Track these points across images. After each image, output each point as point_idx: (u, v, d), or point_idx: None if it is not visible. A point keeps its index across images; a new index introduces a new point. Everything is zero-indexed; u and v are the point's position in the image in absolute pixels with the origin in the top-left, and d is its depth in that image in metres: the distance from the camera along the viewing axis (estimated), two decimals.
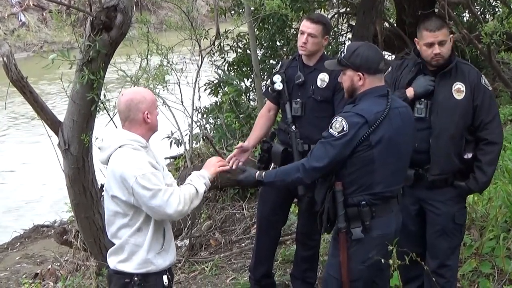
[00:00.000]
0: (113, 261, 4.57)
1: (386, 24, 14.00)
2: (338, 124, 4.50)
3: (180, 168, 9.27)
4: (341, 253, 4.66)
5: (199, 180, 4.60)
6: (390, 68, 5.39)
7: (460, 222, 5.26)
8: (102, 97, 6.90)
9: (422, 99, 5.16)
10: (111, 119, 7.24)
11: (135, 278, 4.49)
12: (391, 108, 4.54)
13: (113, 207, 4.48)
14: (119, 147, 4.44)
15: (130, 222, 4.46)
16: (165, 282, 4.59)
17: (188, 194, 4.45)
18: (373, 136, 4.49)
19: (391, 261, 4.62)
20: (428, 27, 5.16)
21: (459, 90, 5.12)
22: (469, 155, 5.11)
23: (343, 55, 4.68)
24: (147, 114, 4.47)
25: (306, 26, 5.81)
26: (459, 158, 5.13)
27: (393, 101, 4.61)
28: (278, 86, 5.91)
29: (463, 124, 5.11)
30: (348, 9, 14.14)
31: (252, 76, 11.21)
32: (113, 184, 4.43)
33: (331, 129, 4.53)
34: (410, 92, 5.11)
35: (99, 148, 4.60)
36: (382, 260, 4.61)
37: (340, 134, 4.48)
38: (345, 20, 14.53)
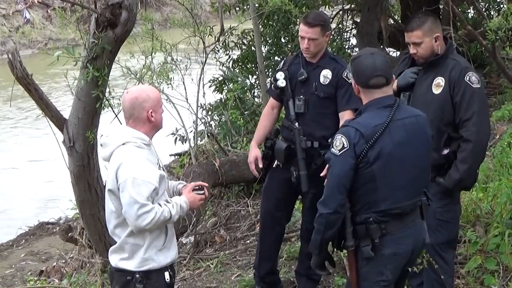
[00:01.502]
0: (115, 259, 4.60)
1: (391, 21, 14.01)
2: (338, 142, 4.32)
3: (185, 165, 9.26)
4: (350, 271, 4.53)
5: (179, 210, 4.53)
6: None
7: (444, 218, 5.17)
8: (107, 94, 6.91)
9: (407, 92, 5.20)
10: (116, 116, 7.25)
11: (137, 276, 4.50)
12: (392, 120, 4.33)
13: (110, 205, 4.51)
14: (123, 144, 4.45)
15: (124, 222, 4.46)
16: (167, 279, 4.59)
17: (162, 218, 4.40)
18: (371, 152, 4.27)
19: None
20: (406, 26, 5.19)
21: (438, 84, 5.11)
22: (445, 151, 5.08)
23: None
24: (151, 112, 4.47)
25: (305, 31, 5.81)
26: (438, 153, 5.10)
27: (399, 112, 4.40)
28: (281, 83, 5.92)
29: (440, 119, 5.07)
30: (352, 6, 14.14)
31: (257, 73, 11.23)
32: (110, 178, 4.45)
33: (332, 148, 4.35)
34: (394, 84, 5.10)
35: (101, 145, 4.60)
36: (410, 269, 4.61)
37: (341, 152, 4.29)
38: (349, 17, 14.53)
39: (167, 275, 4.58)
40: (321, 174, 5.76)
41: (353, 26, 14.33)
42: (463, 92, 5.03)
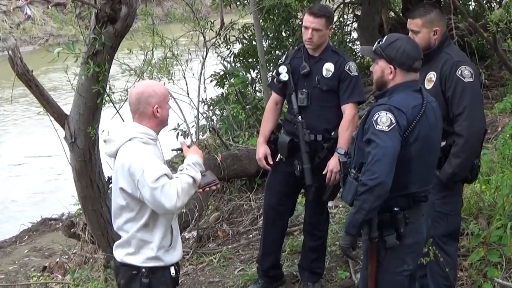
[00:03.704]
0: (120, 254, 4.56)
1: (392, 14, 13.99)
2: (385, 118, 4.20)
3: None
4: (370, 263, 4.50)
5: (195, 168, 4.49)
6: None
7: (442, 210, 5.17)
8: (107, 89, 6.91)
9: None
10: (117, 111, 7.25)
11: (143, 270, 4.48)
12: (427, 103, 4.34)
13: (120, 200, 4.46)
14: (129, 140, 4.41)
15: (136, 216, 4.44)
16: (173, 273, 4.58)
17: (186, 185, 4.36)
18: (411, 133, 4.25)
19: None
20: (411, 13, 5.19)
21: (430, 79, 5.10)
22: (442, 143, 5.05)
23: (380, 43, 4.45)
24: (156, 108, 4.44)
25: (310, 21, 5.81)
26: None
27: (427, 96, 4.41)
28: (284, 77, 5.91)
29: None
30: None
31: (258, 67, 11.22)
32: (121, 176, 4.40)
33: (378, 126, 4.19)
34: None
35: (105, 141, 4.57)
36: (423, 259, 4.60)
37: (390, 128, 4.18)
38: (350, 10, 14.54)
39: (172, 269, 4.58)
40: (324, 172, 5.78)
41: (354, 20, 14.34)
42: (455, 86, 5.02)
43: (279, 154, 6.05)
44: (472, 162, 5.18)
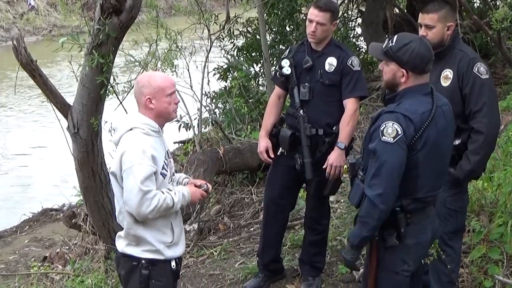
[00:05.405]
0: (121, 244, 4.59)
1: (396, 10, 13.97)
2: (391, 129, 4.14)
3: (189, 152, 9.27)
4: (370, 261, 4.49)
5: (181, 198, 4.52)
6: None
7: (453, 207, 5.17)
8: (111, 81, 6.91)
9: None
10: (121, 103, 7.25)
11: (143, 261, 4.51)
12: (436, 107, 4.27)
13: (113, 189, 4.54)
14: (130, 129, 4.44)
15: (122, 209, 4.49)
16: (173, 266, 4.62)
17: (165, 205, 4.39)
18: (419, 139, 4.19)
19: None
20: (424, 8, 5.18)
21: (446, 77, 5.08)
22: (456, 142, 5.05)
23: (390, 45, 4.31)
24: (148, 99, 4.45)
25: (314, 14, 5.81)
26: None
27: (438, 100, 4.33)
28: (286, 70, 5.91)
29: None
30: None
31: (262, 61, 11.22)
32: (115, 162, 4.45)
33: (384, 137, 4.14)
34: None
35: (114, 129, 4.61)
36: (427, 259, 4.59)
37: (396, 139, 4.13)
38: (354, 6, 14.52)
39: (173, 262, 4.61)
40: (324, 166, 5.78)
41: (358, 15, 14.32)
42: (472, 83, 5.01)
43: (280, 148, 6.06)
44: (489, 158, 5.20)
